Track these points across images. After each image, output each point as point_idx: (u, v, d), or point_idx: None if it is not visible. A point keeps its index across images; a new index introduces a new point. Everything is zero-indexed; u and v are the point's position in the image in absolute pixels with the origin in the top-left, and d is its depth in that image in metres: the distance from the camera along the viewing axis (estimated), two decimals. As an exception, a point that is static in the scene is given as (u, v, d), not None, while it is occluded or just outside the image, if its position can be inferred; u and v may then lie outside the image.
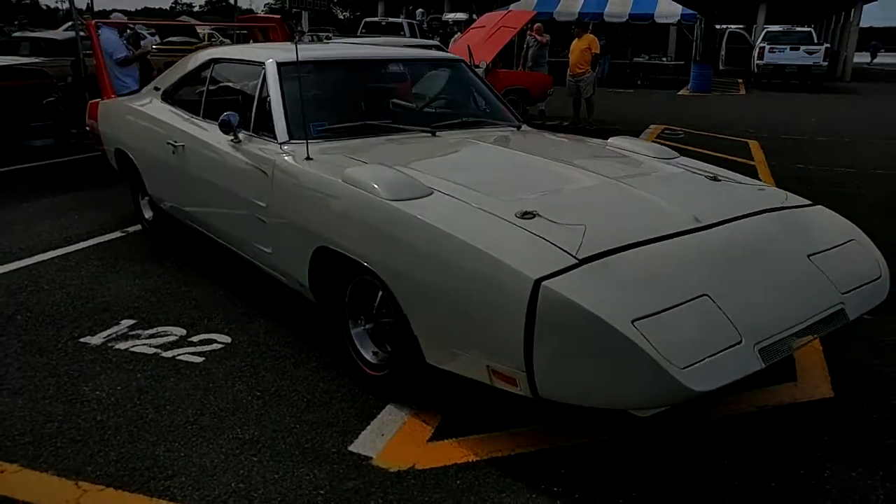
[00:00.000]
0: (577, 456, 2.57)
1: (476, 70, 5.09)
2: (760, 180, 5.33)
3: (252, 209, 3.41)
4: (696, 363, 2.07)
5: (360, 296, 3.02)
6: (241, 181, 3.52)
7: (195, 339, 3.51)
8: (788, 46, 21.13)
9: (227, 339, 3.50)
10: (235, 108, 3.89)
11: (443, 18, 33.70)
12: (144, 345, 3.44)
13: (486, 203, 2.59)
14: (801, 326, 2.40)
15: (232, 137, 3.60)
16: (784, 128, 12.28)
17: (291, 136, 3.39)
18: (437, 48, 9.72)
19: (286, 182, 3.17)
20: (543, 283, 2.12)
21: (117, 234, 5.29)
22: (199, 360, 3.29)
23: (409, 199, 2.61)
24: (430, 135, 3.65)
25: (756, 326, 2.28)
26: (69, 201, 6.13)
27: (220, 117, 3.54)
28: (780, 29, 23.66)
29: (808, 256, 2.69)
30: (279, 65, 3.63)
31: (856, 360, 3.40)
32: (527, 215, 2.47)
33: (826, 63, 21.06)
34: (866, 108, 17.33)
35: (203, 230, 4.20)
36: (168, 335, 3.55)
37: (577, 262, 2.22)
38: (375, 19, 27.91)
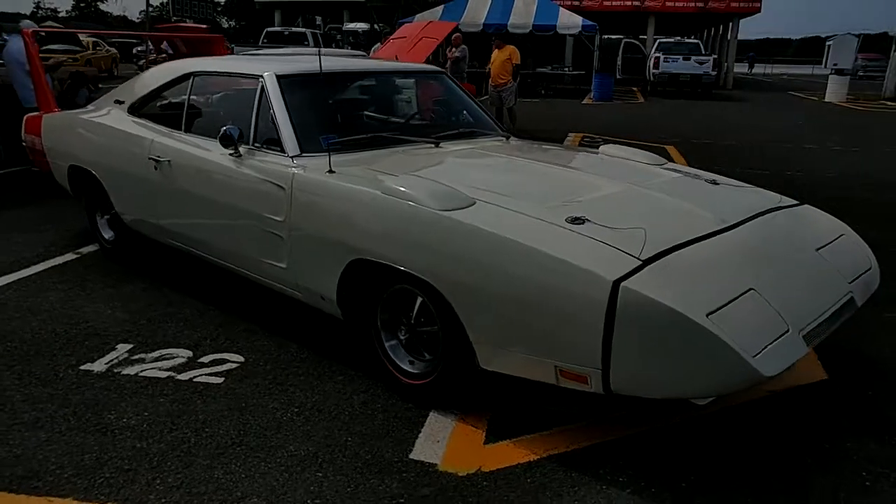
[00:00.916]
0: (628, 447, 2.70)
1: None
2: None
3: (263, 224, 3.35)
4: (762, 350, 2.25)
5: (393, 307, 3.04)
6: (247, 196, 3.44)
7: (205, 359, 3.40)
8: (681, 56, 22.49)
9: (240, 359, 3.41)
10: (227, 121, 3.82)
11: (343, 28, 33.62)
12: (154, 368, 3.30)
13: (531, 210, 2.68)
14: (827, 314, 2.64)
15: (232, 151, 3.52)
16: (692, 132, 13.07)
17: (303, 149, 3.36)
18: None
19: (310, 196, 3.14)
20: (622, 283, 2.23)
21: (71, 255, 5.01)
22: (220, 380, 3.20)
23: (458, 209, 2.67)
24: (433, 145, 3.70)
25: (795, 315, 2.49)
26: (1, 223, 5.74)
27: (221, 131, 3.46)
28: (672, 40, 25.08)
29: (817, 250, 2.95)
30: (279, 78, 3.59)
31: (835, 343, 3.71)
32: (577, 221, 2.58)
33: (715, 73, 22.53)
34: (754, 114, 18.66)
35: (188, 248, 4.06)
36: (175, 357, 3.42)
37: (641, 262, 2.35)
38: (278, 29, 27.41)
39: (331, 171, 3.13)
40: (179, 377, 3.22)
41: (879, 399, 3.14)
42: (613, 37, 30.65)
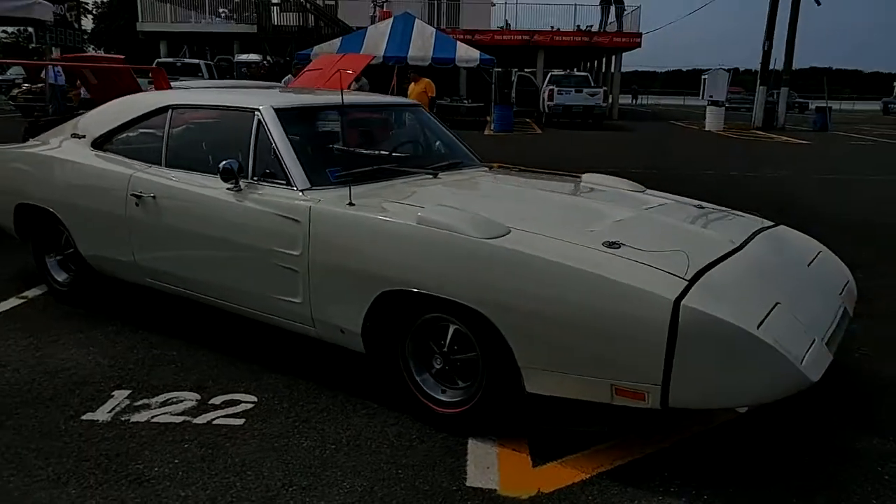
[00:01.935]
0: (668, 459, 2.84)
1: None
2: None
3: (274, 258, 3.28)
4: (804, 358, 2.45)
5: (421, 337, 3.06)
6: (252, 230, 3.37)
7: (216, 401, 3.27)
8: (574, 89, 23.62)
9: (253, 398, 3.31)
10: (214, 155, 3.74)
11: (235, 60, 32.99)
12: (164, 414, 3.14)
13: (566, 236, 2.80)
14: (835, 324, 2.90)
15: (232, 185, 3.44)
16: (598, 161, 13.72)
17: (312, 182, 3.34)
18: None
19: (331, 228, 3.12)
20: (682, 302, 2.38)
21: (15, 300, 4.66)
22: (240, 422, 3.09)
23: (500, 237, 2.75)
24: (432, 176, 3.77)
25: (815, 326, 2.73)
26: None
27: (222, 165, 3.38)
28: (562, 73, 26.28)
29: (808, 265, 3.24)
30: (277, 111, 3.56)
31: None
32: (614, 245, 2.72)
33: (606, 104, 23.79)
34: (648, 142, 19.83)
35: (172, 287, 3.89)
36: (183, 401, 3.27)
37: (688, 282, 2.51)
38: (169, 60, 26.50)
39: (351, 204, 3.13)
40: (196, 421, 3.09)
41: (874, 394, 3.46)
42: (503, 69, 31.74)
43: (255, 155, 3.51)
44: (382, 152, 4.05)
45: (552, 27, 31.04)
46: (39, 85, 21.25)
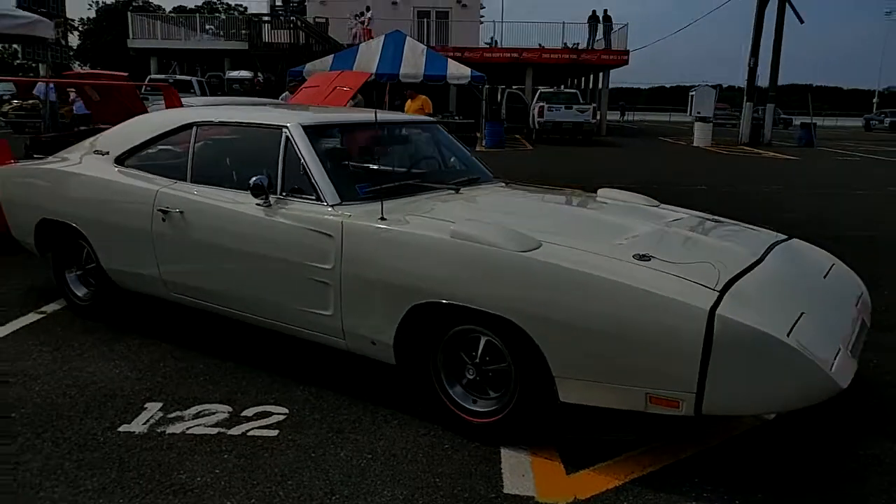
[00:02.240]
0: (697, 466, 2.92)
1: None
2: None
3: (305, 272, 3.35)
4: (833, 365, 2.56)
5: (452, 348, 3.13)
6: (283, 244, 3.44)
7: (248, 413, 3.33)
8: (564, 105, 23.90)
9: (284, 410, 3.36)
10: (241, 171, 3.81)
11: (226, 77, 33.09)
12: (199, 426, 3.19)
13: (597, 249, 2.89)
14: (855, 333, 3.00)
15: (262, 201, 3.52)
16: (595, 177, 13.88)
17: (343, 198, 3.42)
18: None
19: (363, 242, 3.19)
20: (717, 312, 2.48)
21: (34, 315, 4.70)
22: (274, 433, 3.14)
23: (532, 250, 2.84)
24: (454, 191, 3.86)
25: (839, 335, 2.83)
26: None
27: (253, 181, 3.46)
28: (551, 90, 26.58)
29: (824, 277, 3.35)
30: (305, 128, 3.64)
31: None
32: (644, 258, 2.82)
33: (595, 121, 24.07)
34: (638, 157, 20.08)
35: (198, 300, 3.94)
36: (215, 413, 3.32)
37: (719, 293, 2.61)
38: (161, 76, 26.55)
39: (382, 218, 3.21)
40: (230, 432, 3.14)
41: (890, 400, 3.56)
42: (492, 86, 32.03)
43: (283, 171, 3.59)
44: (404, 168, 4.14)
45: (539, 45, 31.41)
46: (30, 101, 21.24)
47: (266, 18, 33.18)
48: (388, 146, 4.29)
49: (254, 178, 3.47)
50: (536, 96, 26.16)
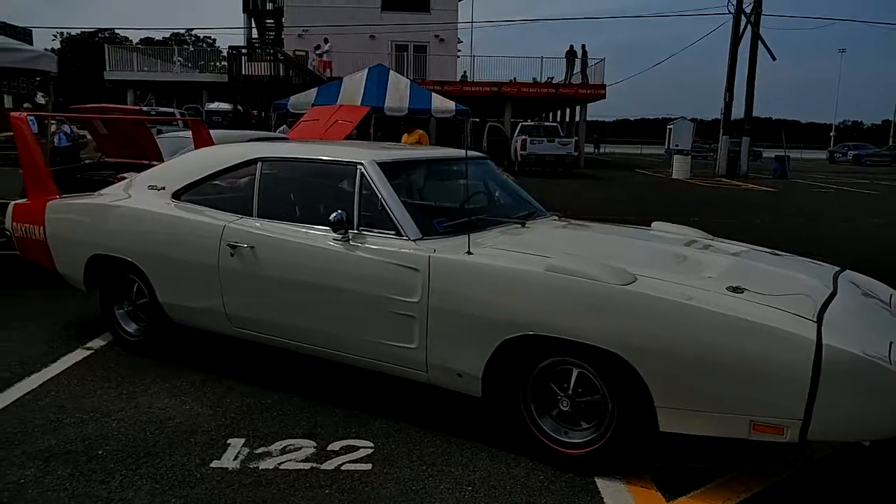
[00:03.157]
0: (787, 491, 3.02)
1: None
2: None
3: (389, 305, 3.41)
4: (926, 392, 2.69)
5: (542, 380, 3.21)
6: (365, 278, 3.49)
7: (334, 447, 3.35)
8: (546, 139, 24.32)
9: (369, 443, 3.39)
10: (311, 206, 3.88)
11: (206, 108, 33.06)
12: (290, 461, 3.20)
13: (689, 282, 3.01)
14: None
15: (341, 235, 3.58)
16: (584, 206, 14.12)
17: (424, 232, 3.50)
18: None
19: (452, 276, 3.26)
20: (824, 342, 2.59)
21: (81, 351, 4.65)
22: (367, 466, 3.17)
23: (631, 283, 2.94)
24: (520, 225, 3.96)
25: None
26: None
27: (333, 216, 3.52)
28: (532, 123, 27.03)
29: (889, 305, 3.49)
30: (380, 165, 3.73)
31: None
32: (738, 290, 2.94)
33: (577, 153, 24.51)
34: (621, 190, 20.45)
35: (267, 335, 3.96)
36: (302, 448, 3.33)
37: (817, 323, 2.73)
38: (145, 108, 26.38)
39: (469, 252, 3.29)
40: (323, 467, 3.16)
41: None
42: (477, 120, 32.45)
43: (359, 206, 3.66)
44: (467, 204, 4.23)
45: (513, 79, 31.91)
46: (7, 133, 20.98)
47: (244, 51, 33.28)
48: (453, 182, 4.39)
49: (334, 214, 3.53)
50: (518, 129, 26.59)
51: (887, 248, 10.18)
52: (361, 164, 3.73)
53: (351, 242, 3.57)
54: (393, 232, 3.54)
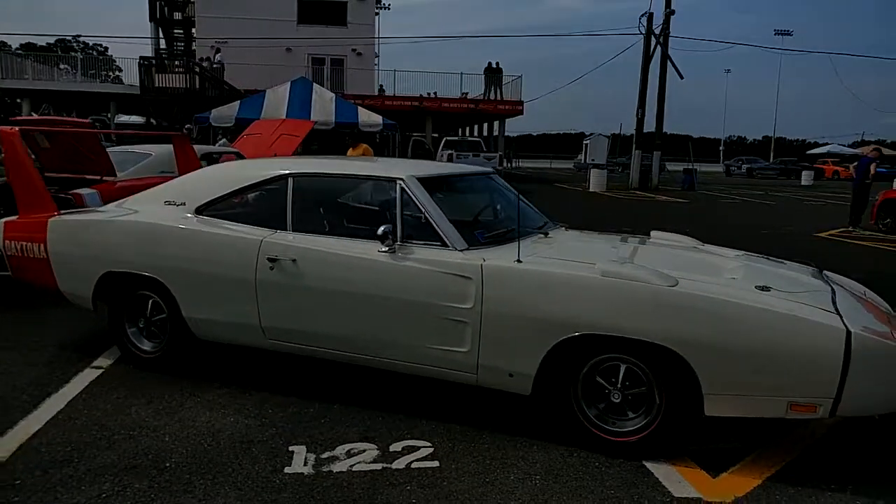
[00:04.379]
0: (808, 463, 3.44)
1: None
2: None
3: (440, 312, 3.62)
4: (931, 370, 3.16)
5: (590, 375, 3.51)
6: (414, 288, 3.68)
7: (395, 448, 3.52)
8: (471, 153, 24.90)
9: (427, 443, 3.58)
10: (353, 220, 4.06)
11: (115, 120, 31.82)
12: (359, 462, 3.36)
13: (721, 282, 3.40)
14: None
15: (387, 248, 3.77)
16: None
17: (469, 243, 3.74)
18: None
19: (506, 283, 3.51)
20: (853, 331, 3.02)
21: (91, 371, 4.58)
22: (435, 463, 3.37)
23: (675, 285, 3.29)
24: (544, 235, 4.27)
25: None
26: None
27: (381, 229, 3.72)
28: (456, 138, 27.62)
29: (866, 297, 4.01)
30: (420, 180, 3.95)
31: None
32: (765, 288, 3.35)
33: (502, 168, 25.20)
34: (548, 203, 21.13)
35: (303, 345, 4.07)
36: (366, 450, 3.49)
37: (839, 314, 3.17)
38: (40, 119, 25.18)
39: (518, 261, 3.56)
40: (394, 466, 3.33)
41: None
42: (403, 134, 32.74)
43: (401, 219, 3.86)
44: (491, 216, 4.52)
45: (432, 93, 32.48)
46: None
47: (155, 61, 32.24)
48: (479, 195, 4.66)
49: (382, 227, 3.72)
50: (442, 144, 27.08)
51: (816, 254, 11.13)
52: (402, 179, 3.93)
53: (397, 254, 3.77)
54: (438, 243, 3.76)
